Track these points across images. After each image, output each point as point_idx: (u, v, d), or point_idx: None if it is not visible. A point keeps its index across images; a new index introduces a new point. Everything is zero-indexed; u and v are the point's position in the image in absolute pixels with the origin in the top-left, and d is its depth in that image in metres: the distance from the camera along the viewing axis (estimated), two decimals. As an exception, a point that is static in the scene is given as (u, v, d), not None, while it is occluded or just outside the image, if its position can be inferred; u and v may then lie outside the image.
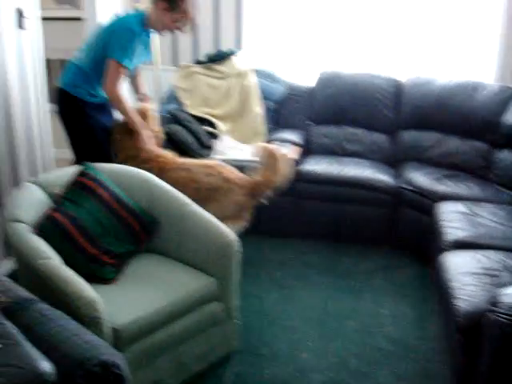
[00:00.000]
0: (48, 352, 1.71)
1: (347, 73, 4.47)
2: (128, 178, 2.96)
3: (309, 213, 3.99)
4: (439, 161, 4.09)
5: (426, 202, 3.63)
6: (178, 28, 3.38)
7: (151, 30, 3.39)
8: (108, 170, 2.92)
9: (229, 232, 2.71)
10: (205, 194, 3.15)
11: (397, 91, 4.35)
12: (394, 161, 4.26)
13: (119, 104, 3.29)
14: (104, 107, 3.46)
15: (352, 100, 4.35)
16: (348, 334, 3.08)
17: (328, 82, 4.43)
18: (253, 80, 4.46)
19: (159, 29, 3.39)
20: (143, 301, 2.47)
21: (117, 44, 3.20)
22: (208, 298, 2.66)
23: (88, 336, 1.90)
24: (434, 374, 2.78)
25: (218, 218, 2.78)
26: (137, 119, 3.34)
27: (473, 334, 2.39)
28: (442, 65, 4.54)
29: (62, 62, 5.06)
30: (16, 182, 3.48)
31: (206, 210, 2.81)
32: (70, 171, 2.85)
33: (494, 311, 2.20)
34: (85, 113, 3.37)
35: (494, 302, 2.25)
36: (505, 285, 2.53)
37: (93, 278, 2.57)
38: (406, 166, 4.08)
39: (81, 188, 2.73)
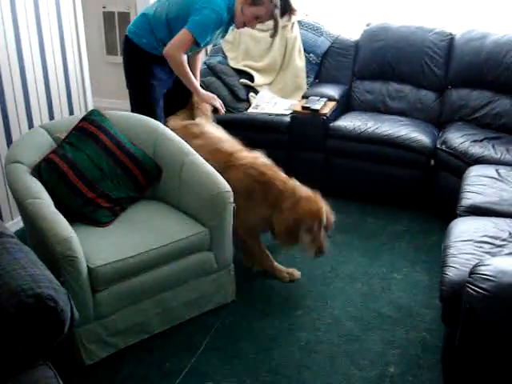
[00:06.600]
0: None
1: (395, 25, 4.18)
2: (135, 126, 3.01)
3: (339, 171, 3.86)
4: (487, 122, 3.77)
5: (461, 165, 3.38)
6: (256, 24, 3.27)
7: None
8: (115, 117, 2.98)
9: (223, 183, 2.69)
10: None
11: (448, 46, 4.02)
12: (439, 121, 4.00)
13: (180, 68, 3.23)
14: (165, 62, 3.31)
15: (399, 54, 4.08)
16: (351, 296, 2.98)
17: (374, 35, 4.18)
18: (296, 33, 4.32)
19: (239, 23, 3.25)
20: (126, 244, 2.53)
21: (201, 23, 3.12)
22: (197, 247, 2.68)
23: (35, 270, 1.95)
24: (429, 344, 2.65)
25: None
26: (197, 84, 3.36)
27: (454, 304, 2.24)
28: (498, 17, 4.13)
29: (122, 15, 5.20)
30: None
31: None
32: (80, 117, 2.94)
33: (468, 282, 2.04)
34: (146, 65, 3.36)
35: (471, 273, 2.08)
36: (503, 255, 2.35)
37: (87, 221, 2.68)
38: (450, 127, 3.81)
39: (83, 133, 2.81)
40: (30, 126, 3.45)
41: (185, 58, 3.25)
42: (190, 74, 3.31)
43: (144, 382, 2.44)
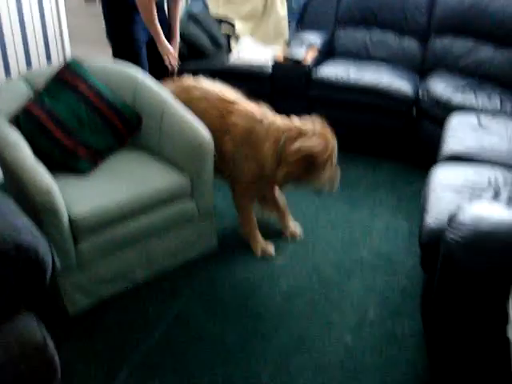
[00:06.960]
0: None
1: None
2: (114, 74, 2.95)
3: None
4: (470, 70, 3.76)
5: (443, 114, 3.38)
6: None
7: None
8: (94, 66, 2.91)
9: (203, 131, 2.67)
10: None
11: (432, -8, 3.98)
12: (422, 69, 3.98)
13: (148, 13, 3.20)
14: None
15: (381, 0, 4.04)
16: (332, 243, 3.02)
17: (358, -20, 4.11)
18: (278, -22, 4.23)
19: None
20: (108, 194, 2.52)
21: None
22: (178, 195, 2.69)
23: (16, 220, 1.95)
24: (407, 289, 2.70)
25: None
26: (161, 33, 3.30)
27: (433, 250, 2.27)
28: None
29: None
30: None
31: None
32: (59, 66, 2.88)
33: (446, 228, 2.06)
34: (127, 14, 3.29)
35: (449, 219, 2.10)
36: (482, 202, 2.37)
37: (67, 170, 2.66)
38: (433, 75, 3.79)
39: (62, 83, 2.76)
40: (7, 73, 3.38)
41: (154, 6, 3.19)
42: (157, 21, 3.25)
43: (129, 329, 2.46)
